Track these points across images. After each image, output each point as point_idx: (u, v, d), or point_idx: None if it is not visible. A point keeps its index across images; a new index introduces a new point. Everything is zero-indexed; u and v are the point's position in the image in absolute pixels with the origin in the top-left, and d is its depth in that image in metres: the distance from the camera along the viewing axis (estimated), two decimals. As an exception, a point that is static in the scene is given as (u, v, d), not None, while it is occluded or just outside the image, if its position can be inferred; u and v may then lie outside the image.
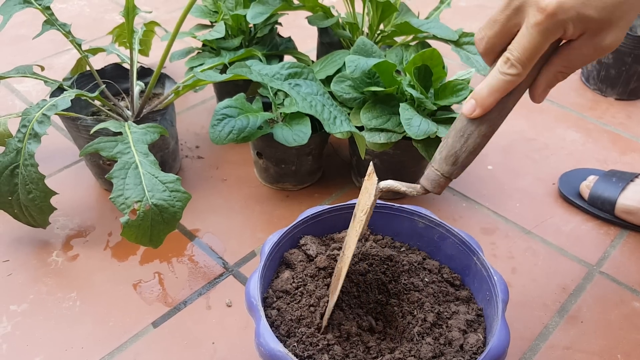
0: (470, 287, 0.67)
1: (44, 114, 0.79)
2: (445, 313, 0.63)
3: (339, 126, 0.79)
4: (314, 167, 0.98)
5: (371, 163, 0.61)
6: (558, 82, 0.53)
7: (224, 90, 1.13)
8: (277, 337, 0.56)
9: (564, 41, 0.51)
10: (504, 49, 0.52)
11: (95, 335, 0.76)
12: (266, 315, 0.60)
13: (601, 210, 0.94)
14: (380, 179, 0.94)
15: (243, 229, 0.92)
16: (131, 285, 0.82)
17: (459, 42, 0.99)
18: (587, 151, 1.11)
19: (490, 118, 0.53)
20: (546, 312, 0.80)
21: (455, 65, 1.36)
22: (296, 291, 0.64)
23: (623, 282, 0.85)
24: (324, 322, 0.60)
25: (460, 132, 0.55)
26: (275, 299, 0.64)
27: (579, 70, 1.34)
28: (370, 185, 0.59)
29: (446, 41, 0.99)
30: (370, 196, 0.58)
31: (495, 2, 1.71)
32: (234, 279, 0.84)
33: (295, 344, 0.58)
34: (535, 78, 0.53)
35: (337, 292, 0.59)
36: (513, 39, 0.51)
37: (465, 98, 0.86)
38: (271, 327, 0.59)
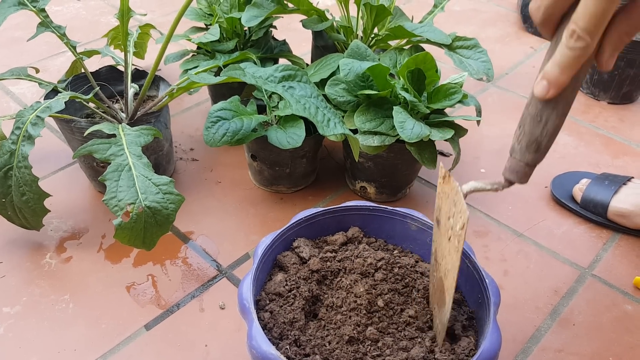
0: (462, 289, 0.68)
1: (37, 116, 0.79)
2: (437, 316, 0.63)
3: (332, 128, 0.79)
4: (308, 170, 0.98)
5: (441, 164, 0.59)
6: (625, 44, 0.50)
7: (219, 92, 1.13)
8: (269, 339, 0.56)
9: None
10: (562, 17, 0.49)
11: (88, 337, 0.76)
12: (259, 318, 0.61)
13: (593, 213, 0.95)
14: (375, 181, 0.95)
15: (237, 232, 0.92)
16: (124, 288, 0.82)
17: (452, 45, 1.00)
18: (579, 154, 1.11)
19: (565, 96, 0.51)
20: (538, 315, 0.80)
21: (449, 69, 1.37)
22: (289, 294, 0.64)
23: (615, 285, 0.85)
24: (440, 341, 0.60)
25: (537, 117, 0.52)
26: (268, 302, 0.64)
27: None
28: (451, 190, 0.57)
29: (440, 45, 0.99)
30: (456, 208, 0.56)
31: (489, 7, 1.71)
32: (228, 282, 0.84)
33: (288, 347, 0.58)
34: (600, 43, 0.49)
35: (447, 310, 0.58)
36: (572, 4, 0.47)
37: (458, 101, 0.87)
38: (264, 330, 0.59)
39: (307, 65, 1.05)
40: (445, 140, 0.84)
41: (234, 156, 1.08)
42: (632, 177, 0.96)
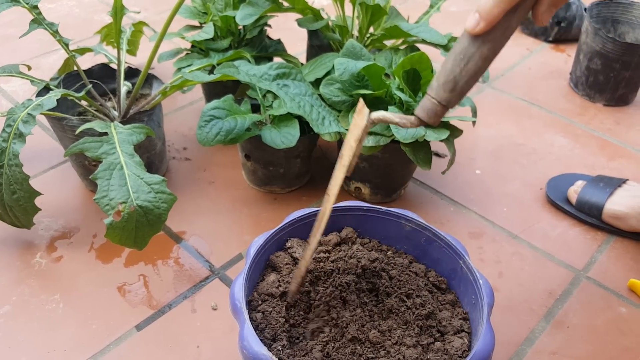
0: (456, 290, 0.67)
1: (29, 114, 0.78)
2: (431, 317, 0.63)
3: (327, 127, 0.78)
4: (302, 170, 0.98)
5: (361, 98, 0.58)
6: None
7: (213, 91, 1.13)
8: (261, 340, 0.55)
9: None
10: None
11: (78, 338, 0.75)
12: (251, 319, 0.60)
13: (588, 215, 0.94)
14: (369, 181, 0.94)
15: (230, 232, 0.91)
16: (115, 288, 0.81)
17: (448, 46, 0.99)
18: (575, 156, 1.11)
19: (494, 38, 0.50)
20: (532, 317, 0.80)
21: (445, 70, 1.36)
22: (282, 294, 0.64)
23: (609, 287, 0.85)
24: (294, 285, 0.59)
25: (460, 54, 0.51)
26: (260, 302, 0.63)
27: (568, 76, 1.35)
28: (361, 119, 0.56)
29: (435, 45, 0.99)
30: (360, 128, 0.55)
31: (485, 8, 1.71)
32: (220, 282, 0.83)
33: (280, 349, 0.58)
34: None
35: (318, 237, 0.58)
36: None
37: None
38: (256, 331, 0.59)
39: (302, 64, 1.04)
40: (441, 141, 0.84)
41: (227, 156, 1.07)
42: (627, 180, 0.96)
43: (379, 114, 0.56)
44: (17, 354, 0.73)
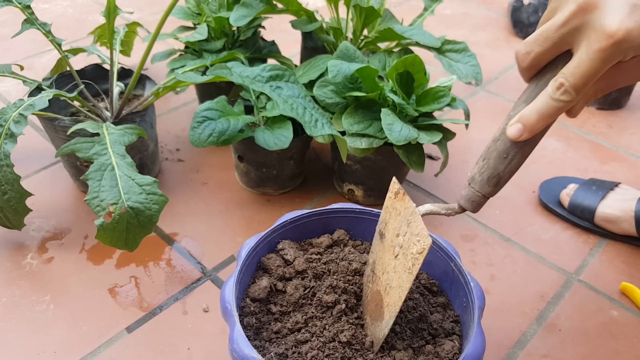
0: (447, 293, 0.67)
1: (20, 114, 0.77)
2: (422, 319, 0.63)
3: (320, 129, 0.78)
4: (295, 172, 0.98)
5: (394, 179, 0.59)
6: (596, 98, 0.52)
7: (206, 93, 1.12)
8: (255, 344, 0.55)
9: None
10: (546, 66, 0.51)
11: (68, 339, 0.74)
12: (242, 322, 0.60)
13: (581, 218, 0.94)
14: (362, 183, 0.94)
15: (222, 234, 0.91)
16: (106, 290, 0.81)
17: (442, 49, 0.99)
18: (567, 160, 1.11)
19: (534, 139, 0.53)
20: (524, 320, 0.80)
21: (438, 73, 1.36)
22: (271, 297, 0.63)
23: (601, 290, 0.85)
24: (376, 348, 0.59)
25: (503, 154, 0.54)
26: (251, 305, 0.63)
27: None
28: (404, 208, 0.56)
29: (429, 48, 0.99)
30: (410, 224, 0.55)
31: (479, 11, 1.72)
32: (212, 284, 0.83)
33: (272, 355, 0.57)
34: None
35: (387, 328, 0.57)
36: (559, 57, 0.49)
37: (447, 105, 0.86)
38: (252, 335, 0.59)
39: (296, 66, 1.04)
40: (434, 143, 0.84)
41: (220, 157, 1.07)
42: (620, 183, 0.96)
43: (426, 209, 0.57)
44: (6, 355, 0.72)
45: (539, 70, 0.53)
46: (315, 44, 1.12)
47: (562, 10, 0.48)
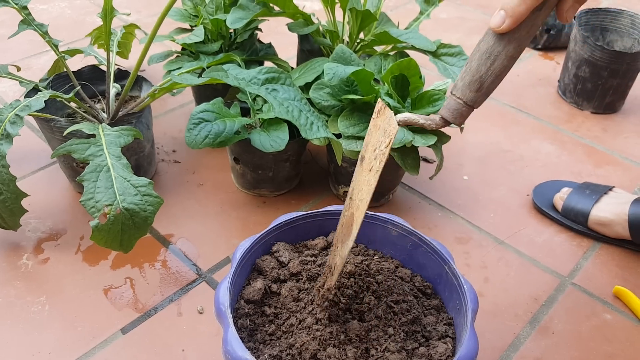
0: (441, 295, 0.68)
1: (16, 115, 0.78)
2: (416, 322, 0.63)
3: (315, 132, 0.79)
4: (291, 174, 0.98)
5: (379, 99, 0.56)
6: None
7: (203, 94, 1.13)
8: (249, 346, 0.55)
9: None
10: None
11: (63, 340, 0.74)
12: (237, 324, 0.60)
13: (574, 222, 0.95)
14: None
15: (218, 235, 0.91)
16: (101, 291, 0.81)
17: (437, 52, 1.00)
18: (561, 163, 1.12)
19: (519, 37, 0.50)
20: (518, 323, 0.80)
21: (433, 76, 1.37)
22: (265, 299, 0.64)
23: (594, 293, 0.85)
24: (332, 281, 0.57)
25: (486, 53, 0.51)
26: (246, 308, 0.63)
27: (556, 84, 1.36)
28: (384, 121, 0.54)
29: (424, 52, 1.00)
30: (386, 132, 0.52)
31: (475, 15, 1.72)
32: (207, 286, 0.83)
33: (266, 357, 0.58)
34: None
35: (352, 240, 0.55)
36: None
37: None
38: (247, 337, 0.59)
39: (292, 68, 1.04)
40: (429, 146, 0.84)
41: (216, 159, 1.07)
42: (614, 187, 0.97)
43: (404, 116, 0.54)
44: (1, 355, 0.72)
45: None
46: (312, 46, 1.12)
47: None
